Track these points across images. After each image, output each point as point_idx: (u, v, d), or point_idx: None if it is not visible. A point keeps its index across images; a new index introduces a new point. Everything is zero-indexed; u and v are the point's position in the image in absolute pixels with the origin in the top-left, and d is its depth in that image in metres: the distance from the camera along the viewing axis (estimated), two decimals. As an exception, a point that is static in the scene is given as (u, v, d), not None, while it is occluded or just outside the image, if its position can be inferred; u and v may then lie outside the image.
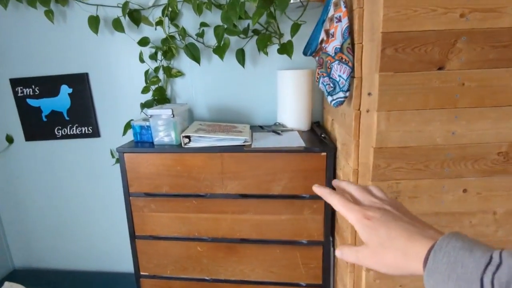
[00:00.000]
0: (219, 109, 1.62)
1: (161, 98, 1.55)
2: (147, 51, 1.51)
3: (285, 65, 1.53)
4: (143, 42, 1.46)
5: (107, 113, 1.67)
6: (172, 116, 1.21)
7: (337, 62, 0.93)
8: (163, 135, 1.26)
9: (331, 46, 0.96)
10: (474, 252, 0.27)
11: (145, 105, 1.54)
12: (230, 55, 1.52)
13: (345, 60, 0.91)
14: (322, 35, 1.03)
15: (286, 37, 1.38)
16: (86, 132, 1.68)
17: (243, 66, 1.48)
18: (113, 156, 1.67)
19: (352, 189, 0.41)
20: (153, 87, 1.54)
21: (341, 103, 0.96)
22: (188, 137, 1.21)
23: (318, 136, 1.28)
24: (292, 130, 1.41)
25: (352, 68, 0.90)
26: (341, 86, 0.93)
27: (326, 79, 1.00)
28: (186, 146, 1.20)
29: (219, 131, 1.28)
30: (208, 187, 1.23)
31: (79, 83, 1.62)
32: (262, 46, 1.36)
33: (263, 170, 1.19)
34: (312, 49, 1.10)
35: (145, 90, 1.55)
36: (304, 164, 1.15)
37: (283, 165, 1.16)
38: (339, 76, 0.93)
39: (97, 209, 1.81)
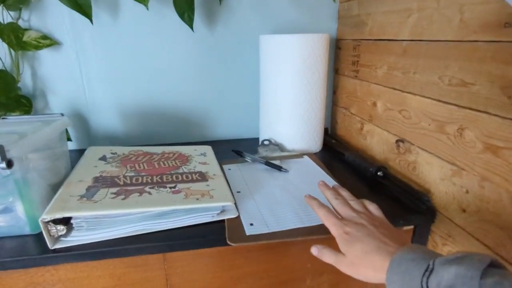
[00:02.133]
0: (145, 114, 0.83)
1: (6, 97, 0.69)
2: None
3: (275, 25, 0.81)
4: None
5: None
6: (4, 166, 0.41)
7: None
8: (-13, 214, 0.45)
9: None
10: (418, 261, 0.31)
11: (-37, 115, 0.67)
12: (162, 4, 0.74)
13: None
14: None
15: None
16: None
17: (191, 27, 0.72)
18: None
19: (334, 204, 0.45)
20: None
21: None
22: (67, 221, 0.44)
23: (357, 165, 0.63)
24: (294, 153, 0.73)
25: None
26: None
27: None
28: (60, 246, 0.43)
29: (149, 184, 0.53)
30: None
31: None
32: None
33: (278, 275, 0.50)
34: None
35: (-44, 81, 0.67)
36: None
37: (316, 262, 0.49)
38: None
39: None
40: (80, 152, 0.66)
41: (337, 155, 0.73)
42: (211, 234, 0.46)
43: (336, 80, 0.85)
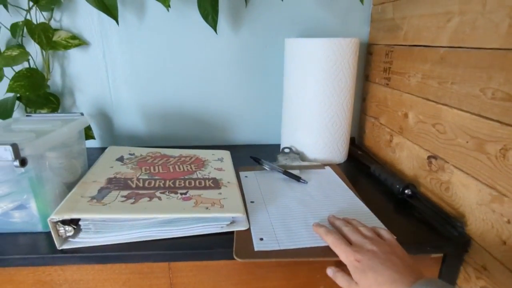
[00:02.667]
0: (167, 115, 0.83)
1: (35, 95, 0.72)
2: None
3: (302, 28, 0.78)
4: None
5: None
6: (17, 164, 0.41)
7: None
8: (3, 209, 0.46)
9: None
10: None
11: (-3, 110, 0.70)
12: (186, 6, 0.74)
13: None
14: None
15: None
16: None
17: (215, 29, 0.70)
18: None
19: (344, 230, 0.43)
20: (13, 70, 0.70)
21: None
22: (77, 222, 0.44)
23: (384, 182, 0.58)
24: (315, 163, 0.69)
25: None
26: None
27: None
28: (68, 247, 0.43)
29: (161, 189, 0.52)
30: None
31: None
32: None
33: (278, 296, 0.47)
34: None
35: (-9, 78, 0.70)
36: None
37: (330, 285, 0.45)
38: None
39: None
40: (102, 150, 0.66)
41: (362, 167, 0.68)
42: (219, 246, 0.44)
43: (366, 87, 0.80)
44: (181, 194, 0.51)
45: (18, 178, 0.44)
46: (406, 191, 0.54)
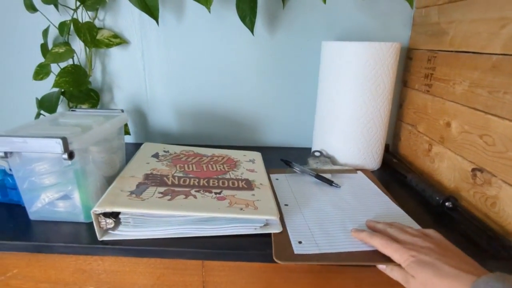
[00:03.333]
0: (199, 114, 0.85)
1: (77, 90, 0.75)
2: (40, -14, 0.70)
3: (340, 31, 0.77)
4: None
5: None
6: (66, 157, 0.43)
7: None
8: (49, 198, 0.49)
9: None
10: None
11: (43, 104, 0.74)
12: (224, 8, 0.75)
13: None
14: None
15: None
16: None
17: (252, 31, 0.70)
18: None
19: (391, 231, 0.41)
20: (58, 67, 0.73)
21: None
22: (116, 214, 0.45)
23: (423, 194, 0.56)
24: (347, 168, 0.67)
25: None
26: None
27: None
28: (107, 239, 0.44)
29: (195, 187, 0.52)
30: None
31: None
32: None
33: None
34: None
35: (40, 73, 0.74)
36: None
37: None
38: None
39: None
40: (136, 146, 0.68)
41: (397, 176, 0.66)
42: (253, 248, 0.44)
43: (403, 93, 0.77)
44: (215, 193, 0.51)
45: (64, 170, 0.47)
46: (446, 204, 0.52)
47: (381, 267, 0.40)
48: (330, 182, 0.60)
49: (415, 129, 0.71)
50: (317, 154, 0.71)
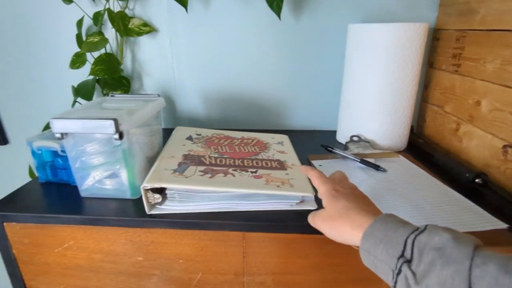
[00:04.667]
0: (226, 100, 0.87)
1: (110, 78, 0.79)
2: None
3: (365, 13, 0.77)
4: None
5: (16, 103, 0.91)
6: (117, 137, 0.47)
7: None
8: (99, 177, 0.52)
9: None
10: (407, 225, 0.31)
11: (80, 91, 0.78)
12: (251, -9, 0.76)
13: None
14: None
15: None
16: (-21, 136, 0.92)
17: (279, 16, 0.72)
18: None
19: (325, 174, 0.45)
20: (92, 56, 0.77)
21: None
22: (161, 191, 0.49)
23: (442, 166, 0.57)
24: (389, 151, 0.68)
25: None
26: None
27: None
28: (155, 213, 0.48)
29: (232, 166, 0.55)
30: (210, 299, 0.53)
31: (-50, 44, 0.83)
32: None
33: (347, 270, 0.49)
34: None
35: (76, 62, 0.78)
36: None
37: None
38: None
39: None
40: (166, 131, 0.72)
41: (424, 156, 0.67)
42: (290, 220, 0.47)
43: (429, 74, 0.77)
44: (251, 172, 0.54)
45: (113, 150, 0.50)
46: (477, 180, 0.53)
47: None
48: (376, 167, 0.60)
49: (441, 109, 0.72)
50: (355, 139, 0.71)
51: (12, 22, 0.82)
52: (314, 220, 0.40)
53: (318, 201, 0.45)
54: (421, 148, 0.69)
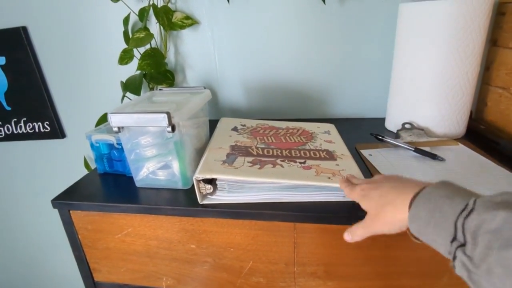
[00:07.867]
0: (268, 89, 0.86)
1: (156, 72, 0.81)
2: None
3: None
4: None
5: (72, 98, 0.97)
6: (170, 130, 0.48)
7: None
8: (152, 168, 0.55)
9: None
10: (453, 199, 0.28)
11: (128, 86, 0.81)
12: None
13: None
14: None
15: None
16: (41, 130, 1.01)
17: (323, 0, 0.69)
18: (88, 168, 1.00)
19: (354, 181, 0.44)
20: (139, 51, 0.80)
21: None
22: (211, 181, 0.50)
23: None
24: (446, 139, 0.64)
25: None
26: None
27: None
28: (206, 203, 0.49)
29: (280, 157, 0.55)
30: (260, 288, 0.54)
31: (14, 47, 0.90)
32: None
33: (402, 264, 0.47)
34: None
35: (124, 58, 0.81)
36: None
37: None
38: None
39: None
40: (210, 122, 0.72)
41: (487, 143, 0.62)
42: (342, 211, 0.45)
43: (491, 53, 0.70)
44: (300, 163, 0.53)
45: (165, 142, 0.52)
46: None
47: (347, 237, 0.41)
48: (433, 156, 0.56)
49: (507, 92, 0.65)
50: (407, 126, 0.67)
51: (68, 23, 0.88)
52: (366, 229, 0.39)
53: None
54: (483, 135, 0.64)
